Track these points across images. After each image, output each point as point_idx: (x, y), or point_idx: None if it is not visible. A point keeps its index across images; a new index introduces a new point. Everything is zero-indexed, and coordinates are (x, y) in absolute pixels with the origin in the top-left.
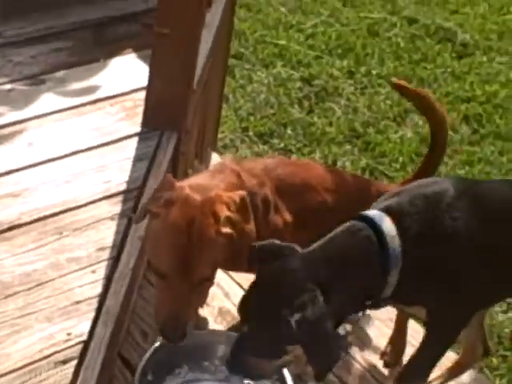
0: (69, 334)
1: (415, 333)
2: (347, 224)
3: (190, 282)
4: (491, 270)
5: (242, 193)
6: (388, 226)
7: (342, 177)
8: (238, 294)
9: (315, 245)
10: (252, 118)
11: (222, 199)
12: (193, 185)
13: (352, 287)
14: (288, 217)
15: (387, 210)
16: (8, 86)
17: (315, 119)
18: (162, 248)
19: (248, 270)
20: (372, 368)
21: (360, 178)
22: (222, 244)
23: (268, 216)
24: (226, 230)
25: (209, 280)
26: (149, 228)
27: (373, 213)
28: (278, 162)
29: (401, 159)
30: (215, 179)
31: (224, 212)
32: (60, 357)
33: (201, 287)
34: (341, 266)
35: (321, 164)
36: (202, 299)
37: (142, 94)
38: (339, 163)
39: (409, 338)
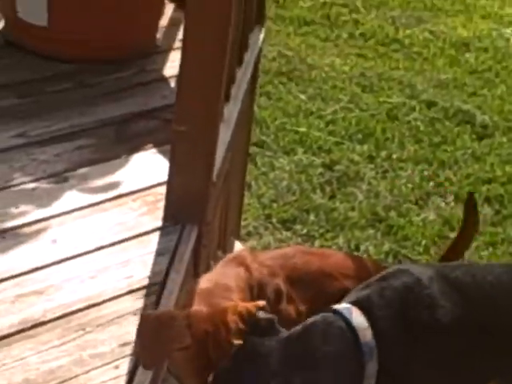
0: None
1: None
2: (318, 317)
3: None
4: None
5: (260, 303)
6: (358, 318)
7: (360, 263)
8: None
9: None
10: (275, 205)
11: (235, 310)
12: (202, 292)
13: None
14: (302, 307)
15: (356, 303)
16: (32, 185)
17: (337, 204)
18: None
19: None
20: None
21: (378, 264)
22: None
23: (279, 306)
24: (238, 341)
25: None
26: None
27: (342, 306)
28: (295, 251)
29: (424, 242)
30: (223, 278)
31: (236, 324)
32: None
33: None
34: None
35: (339, 251)
36: None
37: (163, 189)
38: (362, 247)
39: None
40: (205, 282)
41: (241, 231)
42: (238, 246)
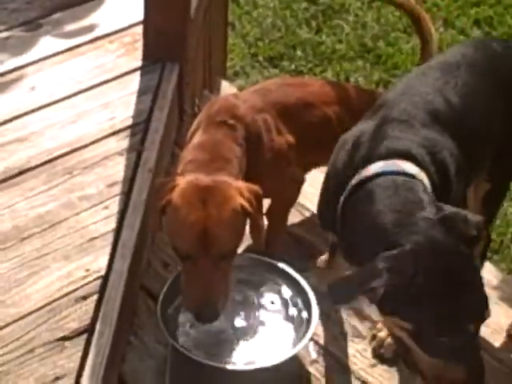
0: (87, 271)
1: None
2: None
3: (213, 257)
4: None
5: (257, 188)
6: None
7: (341, 89)
8: None
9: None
10: (260, 43)
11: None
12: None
13: None
14: (291, 138)
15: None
16: (5, 34)
17: (324, 38)
18: (181, 228)
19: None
20: None
21: (361, 89)
22: (239, 217)
23: (272, 139)
24: (243, 202)
25: (231, 255)
26: (166, 219)
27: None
28: (274, 84)
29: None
30: (216, 146)
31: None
32: (80, 293)
33: (224, 263)
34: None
35: (319, 79)
36: (228, 279)
37: (140, 29)
38: (352, 79)
39: None
40: (198, 150)
41: (228, 71)
42: (224, 85)
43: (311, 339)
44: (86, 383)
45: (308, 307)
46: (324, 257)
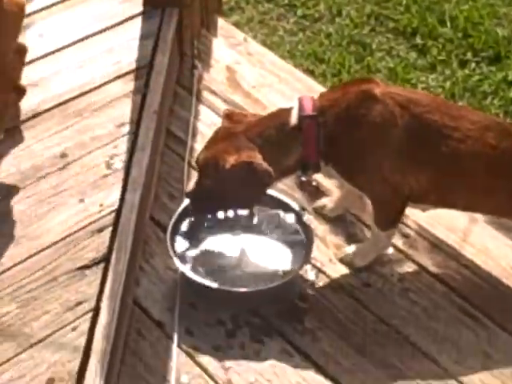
0: (101, 205)
1: None
2: None
3: None
4: None
5: None
6: None
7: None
8: None
9: None
10: None
11: None
12: None
13: None
14: None
15: None
16: None
17: None
18: None
19: None
20: None
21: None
22: None
23: None
24: None
25: None
26: None
27: None
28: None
29: (404, 1)
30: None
31: None
32: (96, 226)
33: None
34: None
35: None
36: None
37: None
38: (344, 12)
39: None
40: None
41: (223, 7)
42: (221, 22)
43: (309, 262)
44: (105, 307)
45: (305, 232)
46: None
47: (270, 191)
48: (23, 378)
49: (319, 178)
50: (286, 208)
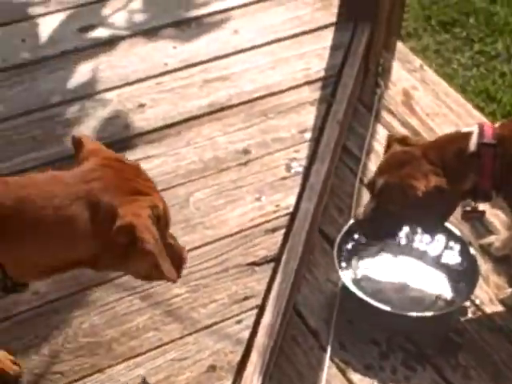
0: (277, 206)
1: None
2: None
3: None
4: None
5: None
6: None
7: None
8: None
9: None
10: (435, 7)
11: None
12: None
13: None
14: None
15: None
16: None
17: (498, 9)
18: None
19: None
20: None
21: None
22: None
23: None
24: None
25: None
26: None
27: None
28: None
29: None
30: None
31: None
32: (269, 226)
33: None
34: None
35: None
36: None
37: None
38: None
39: None
40: None
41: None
42: (399, 46)
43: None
44: (270, 305)
45: (470, 265)
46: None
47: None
48: (186, 360)
49: (489, 216)
50: (453, 237)
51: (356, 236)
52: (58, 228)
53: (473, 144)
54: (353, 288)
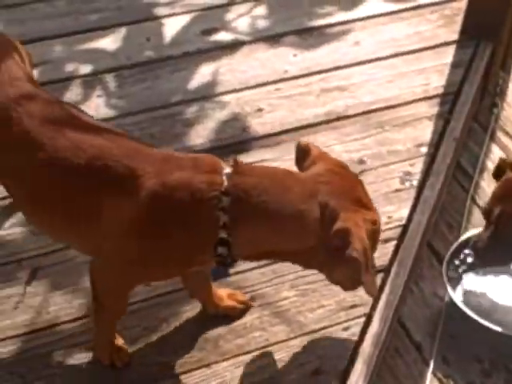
0: (389, 218)
1: None
2: None
3: None
4: None
5: None
6: None
7: None
8: None
9: None
10: None
11: None
12: None
13: None
14: None
15: None
16: None
17: None
18: None
19: None
20: None
21: None
22: None
23: None
24: None
25: None
26: None
27: None
28: None
29: None
30: None
31: None
32: (381, 236)
33: None
34: None
35: None
36: None
37: (460, 4)
38: None
39: None
40: None
41: None
42: None
43: None
44: (377, 316)
45: None
46: None
47: None
48: (291, 362)
49: None
50: None
51: (465, 252)
52: (291, 219)
53: None
54: (460, 304)
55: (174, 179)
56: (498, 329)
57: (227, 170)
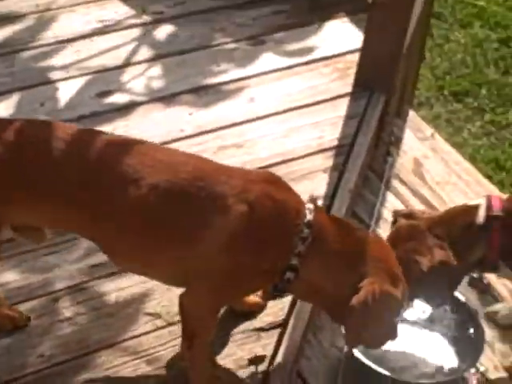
0: None
1: None
2: None
3: None
4: None
5: None
6: None
7: None
8: None
9: None
10: (448, 77)
11: None
12: None
13: None
14: None
15: None
16: (232, 46)
17: (510, 80)
18: None
19: None
20: None
21: None
22: None
23: None
24: None
25: None
26: None
27: None
28: None
29: None
30: None
31: None
32: None
33: None
34: None
35: None
36: None
37: (353, 57)
38: None
39: None
40: None
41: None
42: (411, 114)
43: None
44: (275, 371)
45: (476, 334)
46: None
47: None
48: None
49: (497, 284)
50: (459, 306)
51: None
52: (347, 272)
53: (481, 216)
54: (358, 354)
55: (269, 198)
56: (389, 374)
57: (309, 204)
